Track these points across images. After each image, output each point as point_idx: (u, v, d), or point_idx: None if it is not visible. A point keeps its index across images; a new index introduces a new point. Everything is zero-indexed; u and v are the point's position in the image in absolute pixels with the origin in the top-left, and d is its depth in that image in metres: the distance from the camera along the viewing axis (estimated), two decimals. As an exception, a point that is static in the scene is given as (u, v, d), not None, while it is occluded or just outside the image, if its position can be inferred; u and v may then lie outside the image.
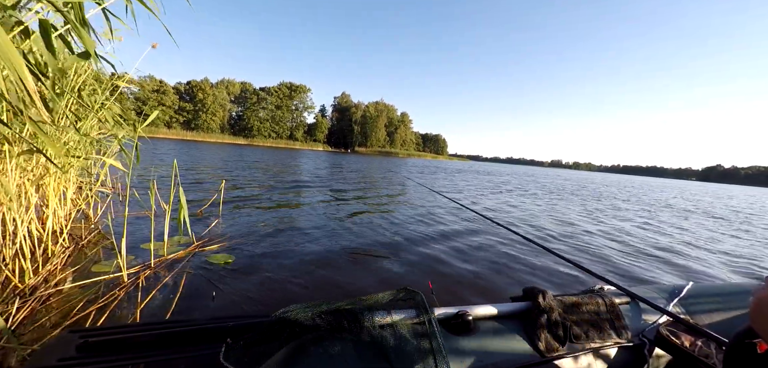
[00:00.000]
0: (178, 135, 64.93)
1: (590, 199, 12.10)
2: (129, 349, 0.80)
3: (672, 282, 3.34)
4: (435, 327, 0.95)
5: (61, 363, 0.74)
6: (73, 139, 2.62)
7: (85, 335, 0.81)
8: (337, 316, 0.93)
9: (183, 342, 0.84)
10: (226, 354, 0.77)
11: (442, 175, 20.04)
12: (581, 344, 1.09)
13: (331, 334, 0.88)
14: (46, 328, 1.65)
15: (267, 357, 0.78)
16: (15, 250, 2.00)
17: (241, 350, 0.79)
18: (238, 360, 0.76)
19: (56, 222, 2.61)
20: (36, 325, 1.65)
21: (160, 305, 1.98)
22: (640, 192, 20.68)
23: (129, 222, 3.42)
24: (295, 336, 0.86)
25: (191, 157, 15.93)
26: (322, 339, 0.87)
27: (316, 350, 0.84)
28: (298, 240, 3.55)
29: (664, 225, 7.27)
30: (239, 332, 0.86)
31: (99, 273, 2.24)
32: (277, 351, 0.80)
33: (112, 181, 5.35)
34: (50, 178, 2.45)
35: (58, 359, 0.74)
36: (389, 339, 0.90)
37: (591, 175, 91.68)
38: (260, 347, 0.81)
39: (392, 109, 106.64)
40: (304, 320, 0.90)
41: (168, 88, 71.48)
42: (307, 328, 0.88)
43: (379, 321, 0.95)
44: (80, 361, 0.75)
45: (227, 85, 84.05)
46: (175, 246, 2.91)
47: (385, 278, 2.75)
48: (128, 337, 0.81)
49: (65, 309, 1.81)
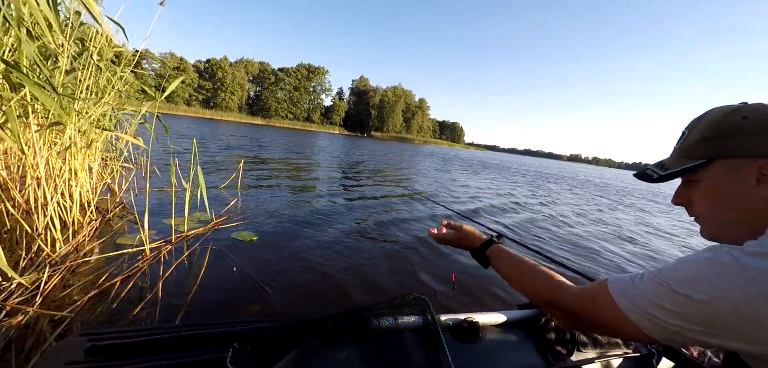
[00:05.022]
0: (197, 113, 66.02)
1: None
2: (137, 353, 0.80)
3: None
4: (441, 335, 0.95)
5: (70, 366, 0.74)
6: (97, 113, 2.70)
7: (93, 338, 0.82)
8: (343, 322, 0.94)
9: (190, 346, 0.84)
10: (232, 358, 0.78)
11: (464, 177, 18.01)
12: (589, 353, 1.09)
13: (337, 340, 0.89)
14: (75, 295, 1.73)
15: (273, 362, 0.79)
16: (46, 222, 2.08)
17: (247, 355, 0.80)
18: (245, 365, 0.77)
19: (84, 195, 2.71)
20: (66, 293, 1.73)
21: (181, 280, 2.04)
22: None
23: (151, 198, 3.56)
24: (301, 341, 0.87)
25: (211, 134, 16.22)
26: (328, 344, 0.88)
27: (322, 355, 0.85)
28: (316, 222, 3.59)
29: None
30: (246, 337, 0.86)
31: (124, 246, 2.33)
32: (283, 357, 0.82)
33: (135, 156, 5.51)
34: (77, 151, 2.53)
35: (66, 363, 0.75)
36: (395, 345, 0.90)
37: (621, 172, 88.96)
38: (267, 352, 0.82)
39: (410, 94, 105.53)
40: (311, 325, 0.90)
41: (188, 66, 72.51)
42: (314, 334, 0.89)
43: (386, 328, 0.95)
44: (89, 365, 0.76)
45: (246, 64, 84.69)
46: (196, 223, 2.99)
47: (403, 268, 2.75)
48: (136, 341, 0.82)
49: (93, 279, 1.88)
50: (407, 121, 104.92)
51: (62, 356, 0.76)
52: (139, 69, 3.26)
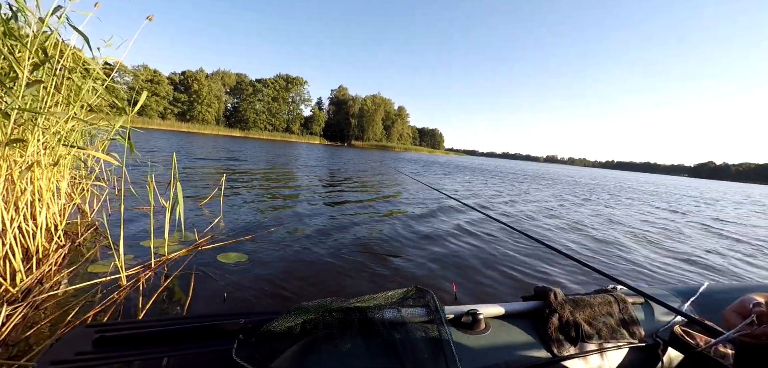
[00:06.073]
0: (172, 126, 63.98)
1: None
2: (144, 344, 0.80)
3: (686, 282, 3.32)
4: (446, 326, 0.95)
5: (79, 357, 0.75)
6: (66, 128, 2.46)
7: (101, 330, 0.83)
8: (348, 314, 0.92)
9: (196, 337, 0.84)
10: (238, 350, 0.78)
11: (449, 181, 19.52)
12: (593, 344, 1.08)
13: (342, 332, 0.88)
14: (41, 336, 1.51)
15: (279, 354, 0.79)
16: (4, 251, 1.84)
17: (252, 346, 0.80)
18: (250, 357, 0.77)
19: (50, 218, 2.45)
20: (29, 333, 1.51)
21: (163, 311, 1.84)
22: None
23: (127, 219, 3.29)
24: (307, 332, 0.86)
25: (187, 148, 15.66)
26: (333, 336, 0.87)
27: (327, 347, 0.84)
28: (308, 236, 3.43)
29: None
30: (251, 328, 0.86)
31: (97, 274, 2.10)
32: (288, 348, 0.81)
33: (108, 174, 5.17)
34: (42, 170, 2.28)
35: (75, 353, 0.75)
36: (400, 337, 0.90)
37: (603, 171, 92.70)
38: (272, 343, 0.82)
39: (389, 102, 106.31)
40: (316, 317, 0.89)
41: (162, 78, 70.42)
42: (319, 325, 0.88)
43: (390, 319, 0.94)
44: (97, 355, 0.76)
45: (222, 76, 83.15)
46: (177, 244, 2.76)
47: (396, 277, 2.64)
48: (143, 332, 0.82)
49: (60, 315, 1.66)
50: (387, 129, 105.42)
51: (72, 346, 0.77)
52: (111, 82, 3.02)
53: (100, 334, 0.80)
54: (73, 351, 0.76)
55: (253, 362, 0.76)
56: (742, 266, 4.18)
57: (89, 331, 0.82)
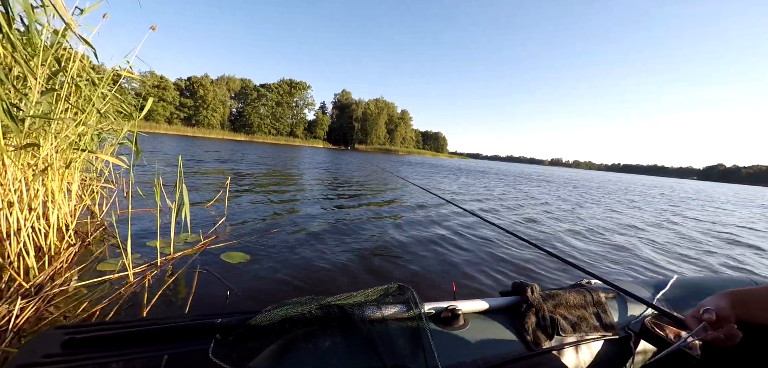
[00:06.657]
0: (178, 131, 64.59)
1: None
2: (116, 345, 0.78)
3: (657, 276, 3.35)
4: (425, 322, 0.97)
5: (47, 359, 0.72)
6: (75, 133, 2.56)
7: (70, 332, 0.80)
8: (327, 311, 0.93)
9: (171, 338, 0.82)
10: (215, 349, 0.77)
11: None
12: (569, 337, 1.12)
13: (321, 329, 0.89)
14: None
15: (257, 353, 0.79)
16: (18, 249, 1.94)
17: (230, 346, 0.79)
18: (228, 356, 0.76)
19: (62, 218, 2.55)
20: (40, 326, 1.60)
21: (167, 308, 1.91)
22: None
23: (135, 219, 3.40)
24: (285, 331, 0.86)
25: (193, 152, 15.85)
26: (312, 334, 0.87)
27: (306, 345, 0.84)
28: (311, 237, 3.50)
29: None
30: (228, 328, 0.85)
31: (105, 272, 2.18)
32: (267, 347, 0.81)
33: (116, 176, 5.30)
34: (54, 172, 2.39)
35: (43, 355, 0.73)
36: (380, 333, 0.91)
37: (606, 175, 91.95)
38: (250, 343, 0.81)
39: (392, 106, 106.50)
40: (294, 315, 0.89)
41: (168, 84, 71.20)
42: (297, 324, 0.88)
43: (370, 316, 0.95)
44: (66, 357, 0.73)
45: (227, 81, 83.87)
46: (182, 244, 2.85)
47: (398, 277, 2.69)
48: (115, 333, 0.80)
49: (70, 309, 1.75)
50: (390, 132, 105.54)
51: (39, 349, 0.75)
52: (118, 90, 3.14)
53: (70, 336, 0.78)
54: (41, 354, 0.74)
55: (230, 361, 0.75)
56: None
57: (58, 333, 0.80)
